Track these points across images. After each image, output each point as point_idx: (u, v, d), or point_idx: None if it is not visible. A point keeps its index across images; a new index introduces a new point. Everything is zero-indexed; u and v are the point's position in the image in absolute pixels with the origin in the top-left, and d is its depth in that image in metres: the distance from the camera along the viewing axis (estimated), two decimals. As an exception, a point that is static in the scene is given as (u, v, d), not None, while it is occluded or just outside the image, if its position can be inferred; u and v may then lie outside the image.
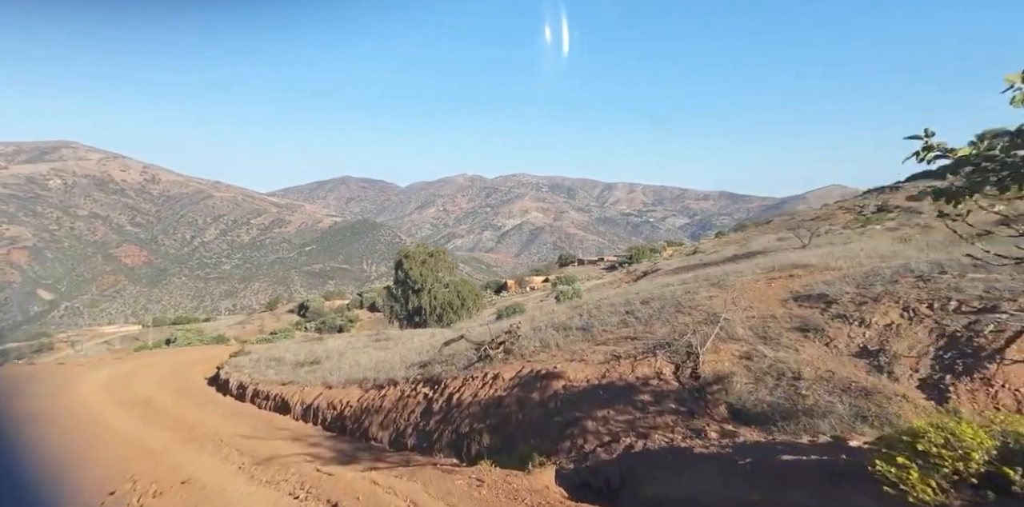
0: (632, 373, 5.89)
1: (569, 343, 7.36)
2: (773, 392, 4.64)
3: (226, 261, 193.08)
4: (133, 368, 15.04)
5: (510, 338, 8.20)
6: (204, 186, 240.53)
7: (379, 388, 9.57)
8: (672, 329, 6.49)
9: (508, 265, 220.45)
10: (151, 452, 7.67)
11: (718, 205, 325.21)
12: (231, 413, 10.22)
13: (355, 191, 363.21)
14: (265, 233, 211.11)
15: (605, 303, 8.73)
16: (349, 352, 14.56)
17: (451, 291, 35.74)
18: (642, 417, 5.09)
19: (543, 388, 6.54)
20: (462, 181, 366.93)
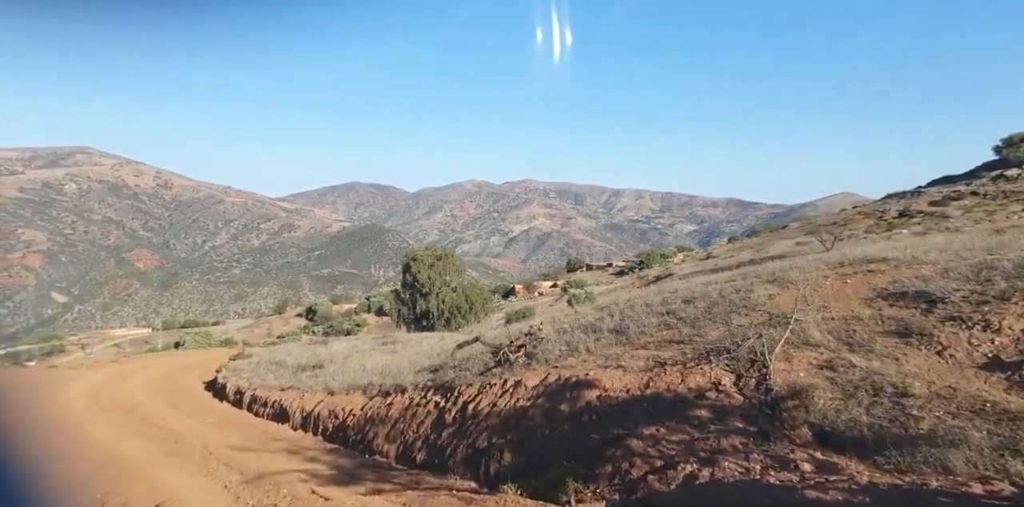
0: (682, 383, 4.97)
1: (601, 347, 6.46)
2: (870, 411, 3.70)
3: (236, 265, 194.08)
4: (128, 371, 14.33)
5: (532, 341, 7.31)
6: (215, 191, 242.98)
7: (385, 395, 8.71)
8: (726, 332, 5.56)
9: (515, 271, 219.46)
10: (129, 467, 6.84)
11: (727, 212, 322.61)
12: (224, 421, 9.40)
13: (364, 196, 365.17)
14: (275, 238, 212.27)
15: (638, 303, 7.83)
16: (354, 355, 13.73)
17: (459, 295, 34.91)
18: (702, 438, 4.16)
19: (574, 398, 5.64)
20: (470, 187, 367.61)
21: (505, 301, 61.51)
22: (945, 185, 49.71)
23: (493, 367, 7.36)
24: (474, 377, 7.38)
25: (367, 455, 7.76)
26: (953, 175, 54.14)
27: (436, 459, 6.61)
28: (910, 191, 48.37)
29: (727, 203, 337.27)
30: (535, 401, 6.03)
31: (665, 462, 4.10)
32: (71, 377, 13.35)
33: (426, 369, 9.03)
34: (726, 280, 7.92)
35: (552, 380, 6.14)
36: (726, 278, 8.13)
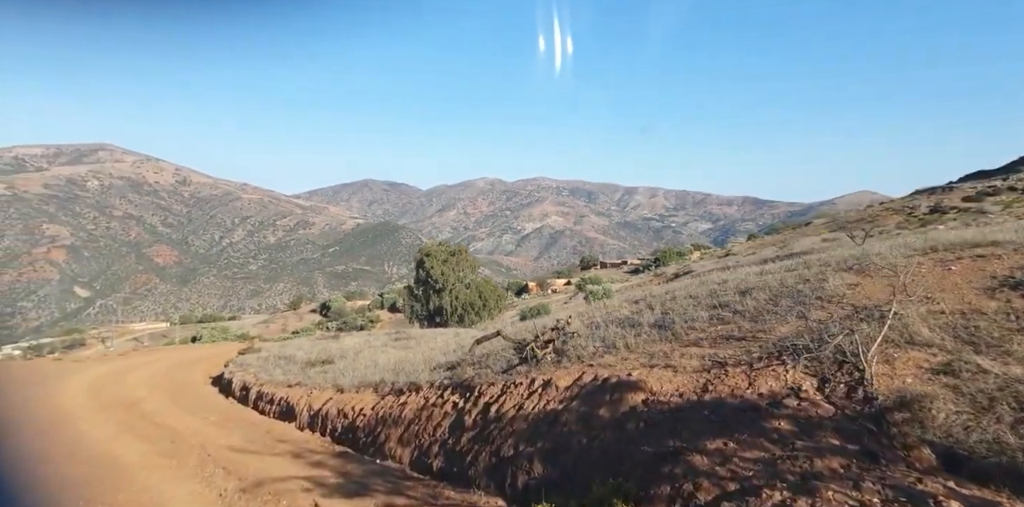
0: (750, 387, 4.16)
1: (643, 343, 5.67)
2: (1018, 430, 2.87)
3: (252, 261, 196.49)
4: (133, 365, 13.92)
5: (560, 336, 6.54)
6: (232, 188, 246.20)
7: (398, 394, 8.02)
8: (800, 327, 4.74)
9: (527, 269, 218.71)
10: (119, 469, 6.25)
11: (742, 211, 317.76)
12: (226, 419, 8.81)
13: (377, 194, 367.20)
14: (290, 234, 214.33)
15: (680, 295, 7.00)
16: (366, 351, 13.11)
17: (473, 291, 34.28)
18: (787, 456, 3.36)
19: (615, 402, 4.86)
20: (482, 185, 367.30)
21: (518, 299, 60.82)
22: (978, 180, 47.45)
23: (517, 365, 6.62)
24: (496, 375, 6.64)
25: (378, 460, 7.08)
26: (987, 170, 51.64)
27: (455, 467, 5.89)
28: (941, 187, 46.31)
29: (742, 201, 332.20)
30: (568, 404, 5.26)
31: (741, 486, 3.31)
32: (75, 370, 12.96)
33: (442, 366, 8.33)
34: (783, 269, 7.05)
35: (587, 380, 5.37)
36: (782, 267, 7.26)
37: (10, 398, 9.45)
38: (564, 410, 5.22)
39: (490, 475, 5.40)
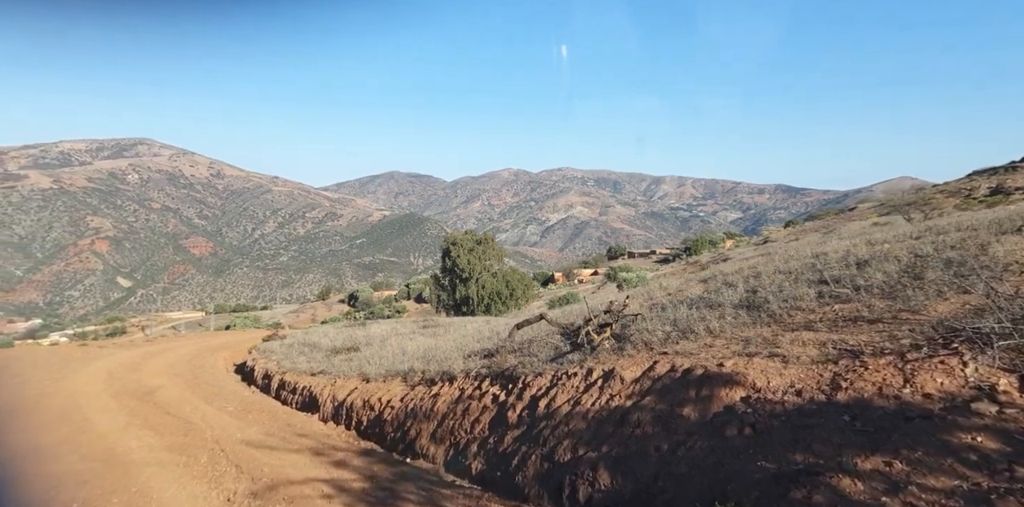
0: (907, 385, 3.06)
1: (731, 327, 4.61)
2: None
3: (283, 253, 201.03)
4: (156, 351, 13.57)
5: (618, 319, 5.51)
6: (264, 181, 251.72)
7: (430, 384, 7.17)
8: (970, 304, 3.60)
9: (552, 260, 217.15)
10: (121, 466, 5.57)
11: (774, 199, 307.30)
12: (245, 409, 8.15)
13: (403, 185, 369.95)
14: (319, 226, 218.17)
15: (767, 270, 5.86)
16: (393, 338, 12.37)
17: (499, 280, 33.54)
18: (1004, 489, 2.28)
19: (704, 400, 3.83)
20: (507, 175, 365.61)
21: (544, 289, 59.78)
22: (1047, 158, 43.56)
23: (568, 352, 5.64)
24: (543, 365, 5.68)
25: (408, 458, 6.25)
26: (1053, 149, 47.24)
27: (498, 471, 4.98)
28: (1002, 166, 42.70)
29: (774, 189, 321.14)
30: (639, 400, 4.26)
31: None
32: (97, 356, 12.68)
33: (478, 354, 7.43)
34: (905, 237, 5.80)
35: (662, 371, 4.35)
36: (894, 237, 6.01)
37: (25, 385, 9.05)
38: (634, 408, 4.21)
39: (542, 483, 4.46)
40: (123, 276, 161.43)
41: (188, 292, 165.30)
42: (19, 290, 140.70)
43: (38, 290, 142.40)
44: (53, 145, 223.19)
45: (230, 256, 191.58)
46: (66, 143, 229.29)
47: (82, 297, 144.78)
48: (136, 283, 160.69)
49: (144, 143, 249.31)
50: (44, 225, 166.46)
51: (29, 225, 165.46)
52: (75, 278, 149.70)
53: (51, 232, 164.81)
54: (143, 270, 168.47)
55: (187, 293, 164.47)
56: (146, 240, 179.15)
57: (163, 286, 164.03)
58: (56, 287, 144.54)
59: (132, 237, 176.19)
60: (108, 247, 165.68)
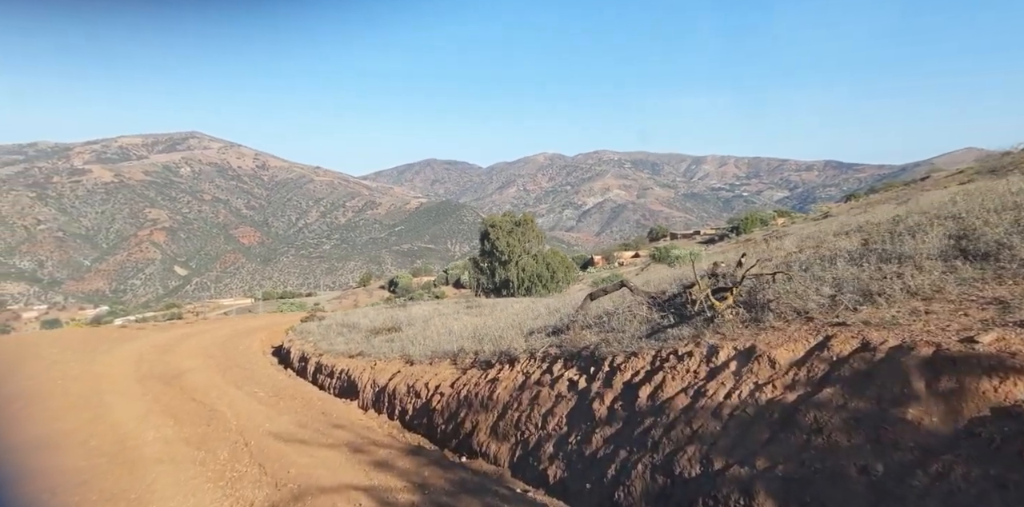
0: None
1: (953, 284, 3.13)
2: None
3: (326, 241, 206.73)
4: (192, 333, 13.14)
5: (743, 281, 4.08)
6: (306, 171, 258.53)
7: (485, 367, 5.99)
8: None
9: (589, 244, 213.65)
10: (131, 464, 4.69)
11: (823, 176, 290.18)
12: (277, 395, 7.26)
13: (439, 173, 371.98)
14: (359, 215, 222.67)
15: (961, 208, 4.23)
16: (436, 318, 11.33)
17: (540, 262, 32.38)
18: None
19: (948, 397, 2.41)
20: (542, 160, 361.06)
21: (584, 272, 58.08)
22: None
23: (670, 326, 4.27)
24: (636, 342, 4.34)
25: (463, 457, 5.11)
26: None
27: (587, 482, 3.73)
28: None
29: (823, 166, 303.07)
30: (810, 393, 2.87)
31: None
32: (133, 338, 12.36)
33: (541, 331, 6.17)
34: None
35: (845, 351, 2.92)
36: None
37: (52, 367, 8.53)
38: (804, 404, 2.83)
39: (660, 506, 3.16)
40: (179, 265, 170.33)
41: (239, 280, 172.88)
42: (87, 279, 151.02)
43: (104, 279, 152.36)
44: (113, 140, 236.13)
45: (276, 245, 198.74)
46: (124, 138, 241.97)
47: (143, 285, 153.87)
48: (191, 271, 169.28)
49: (195, 136, 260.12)
50: (108, 217, 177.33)
51: (94, 217, 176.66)
52: (136, 267, 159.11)
53: (114, 224, 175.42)
54: (197, 259, 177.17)
55: (238, 281, 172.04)
56: (199, 230, 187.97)
57: (216, 274, 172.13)
58: (120, 276, 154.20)
59: (186, 228, 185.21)
60: (165, 237, 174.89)
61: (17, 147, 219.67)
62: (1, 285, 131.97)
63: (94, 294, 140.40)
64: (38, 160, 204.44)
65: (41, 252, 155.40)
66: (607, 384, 4.19)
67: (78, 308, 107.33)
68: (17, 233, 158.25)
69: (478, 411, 5.36)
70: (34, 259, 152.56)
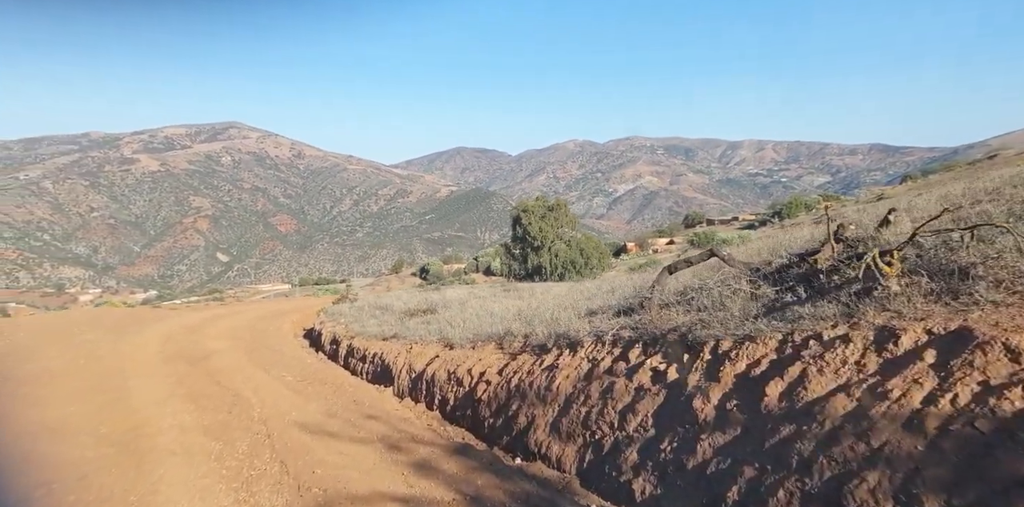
0: None
1: None
2: None
3: (359, 229, 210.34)
4: (223, 314, 12.83)
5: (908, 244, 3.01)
6: (340, 160, 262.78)
7: (539, 351, 5.12)
8: None
9: (620, 232, 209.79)
10: (139, 455, 4.07)
11: (868, 160, 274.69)
12: (306, 380, 6.62)
13: (469, 161, 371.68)
14: (391, 203, 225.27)
15: None
16: (473, 301, 10.56)
17: (574, 248, 31.35)
18: None
19: None
20: (572, 147, 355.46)
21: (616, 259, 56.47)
22: None
23: (796, 302, 3.26)
24: (750, 323, 3.34)
25: (518, 458, 4.28)
26: None
27: (695, 504, 2.82)
28: None
29: (869, 149, 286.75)
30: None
31: None
32: (165, 318, 12.13)
33: (602, 312, 5.24)
34: None
35: None
36: None
37: (80, 346, 8.18)
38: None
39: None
40: (221, 252, 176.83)
41: (276, 266, 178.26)
42: (137, 264, 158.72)
43: (153, 264, 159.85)
44: (159, 130, 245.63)
45: (312, 232, 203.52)
46: (169, 128, 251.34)
47: (188, 271, 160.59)
48: (233, 258, 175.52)
49: (234, 126, 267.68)
50: (155, 205, 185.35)
51: (143, 205, 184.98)
52: (182, 253, 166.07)
53: (160, 211, 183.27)
54: (238, 246, 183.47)
55: (276, 267, 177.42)
56: (239, 218, 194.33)
57: (255, 261, 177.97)
58: (167, 261, 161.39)
59: (228, 215, 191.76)
60: (208, 225, 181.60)
61: (71, 137, 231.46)
62: (60, 269, 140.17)
63: (144, 279, 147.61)
64: (91, 150, 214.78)
65: (95, 238, 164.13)
66: (711, 377, 3.23)
67: (129, 292, 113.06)
68: (73, 220, 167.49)
69: (534, 403, 4.50)
70: (89, 245, 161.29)
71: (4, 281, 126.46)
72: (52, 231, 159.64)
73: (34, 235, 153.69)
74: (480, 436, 4.93)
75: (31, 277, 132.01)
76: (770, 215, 55.22)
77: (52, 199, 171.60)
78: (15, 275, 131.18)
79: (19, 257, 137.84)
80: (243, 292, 79.29)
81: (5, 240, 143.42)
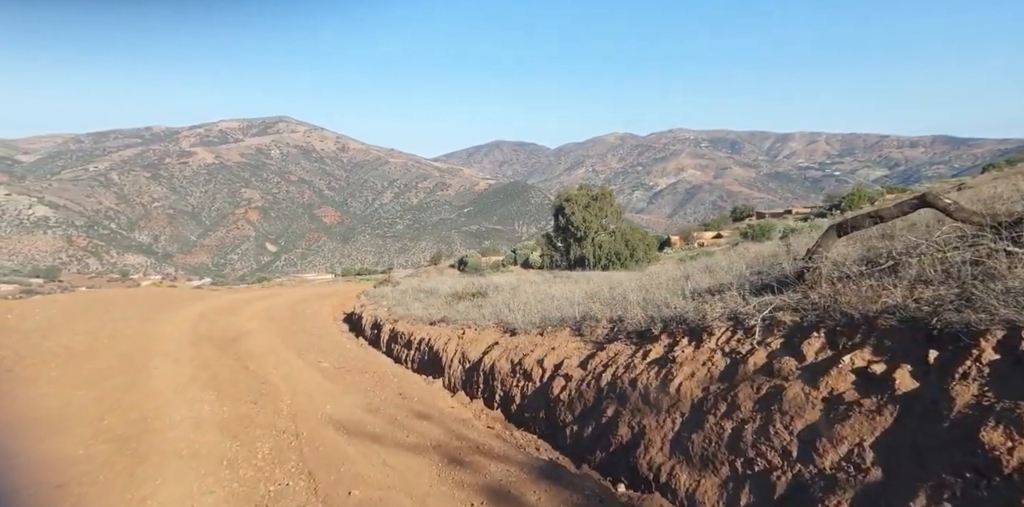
0: None
1: None
2: None
3: (399, 221, 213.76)
4: (263, 295, 12.28)
5: None
6: (382, 154, 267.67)
7: (637, 340, 3.91)
8: None
9: (661, 226, 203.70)
10: (135, 457, 3.17)
11: (930, 152, 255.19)
12: (344, 367, 5.67)
13: (507, 154, 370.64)
14: (430, 196, 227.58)
15: None
16: (525, 285, 9.44)
17: (618, 239, 29.78)
18: None
19: None
20: (612, 140, 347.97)
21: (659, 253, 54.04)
22: None
23: None
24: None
25: (620, 485, 3.10)
26: None
27: None
28: None
29: (931, 141, 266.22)
30: None
31: None
32: (204, 298, 11.69)
33: (718, 290, 3.96)
34: None
35: None
36: None
37: (108, 323, 7.56)
38: None
39: None
40: (270, 242, 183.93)
41: (321, 257, 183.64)
42: (194, 253, 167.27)
43: (207, 253, 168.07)
44: (214, 124, 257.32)
45: (354, 224, 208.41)
46: (224, 122, 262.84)
47: (239, 260, 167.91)
48: (280, 248, 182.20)
49: (283, 121, 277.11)
50: (210, 196, 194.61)
51: (199, 196, 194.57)
52: (234, 243, 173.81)
53: (215, 202, 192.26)
54: (285, 237, 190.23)
55: (320, 258, 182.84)
56: (287, 210, 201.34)
57: (301, 251, 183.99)
58: (220, 251, 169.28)
59: (276, 207, 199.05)
60: (258, 216, 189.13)
61: (136, 131, 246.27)
62: (125, 256, 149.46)
63: (199, 267, 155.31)
64: (153, 143, 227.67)
65: (156, 227, 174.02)
66: (1010, 390, 1.94)
67: (186, 279, 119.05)
68: (136, 210, 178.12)
69: (640, 410, 3.31)
70: (150, 234, 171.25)
71: (76, 267, 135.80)
72: (118, 220, 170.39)
73: (102, 224, 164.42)
74: (559, 446, 3.79)
75: (99, 263, 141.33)
76: (827, 208, 51.28)
77: (118, 190, 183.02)
78: (85, 261, 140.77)
79: (89, 244, 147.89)
80: (289, 280, 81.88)
81: (77, 228, 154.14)
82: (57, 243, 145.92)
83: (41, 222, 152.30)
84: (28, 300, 9.61)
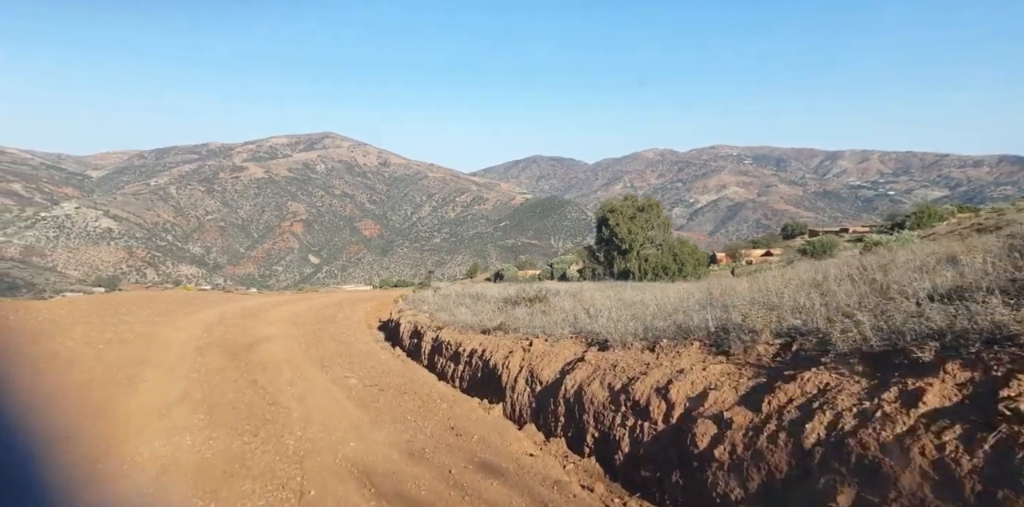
0: None
1: None
2: None
3: (437, 235, 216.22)
4: (291, 299, 11.29)
5: None
6: (421, 168, 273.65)
7: (864, 368, 2.39)
8: None
9: (702, 244, 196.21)
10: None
11: (996, 172, 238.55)
12: (377, 384, 4.33)
13: (545, 169, 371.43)
14: (467, 210, 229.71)
15: None
16: (589, 292, 7.96)
17: (665, 253, 27.73)
18: None
19: None
20: (651, 156, 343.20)
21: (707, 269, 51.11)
22: None
23: None
24: None
25: None
26: None
27: None
28: None
29: (997, 161, 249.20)
30: None
31: None
32: (229, 301, 10.79)
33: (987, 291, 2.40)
34: None
35: None
36: None
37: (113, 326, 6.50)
38: None
39: None
40: (313, 254, 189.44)
41: (361, 269, 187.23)
42: (242, 264, 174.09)
43: (255, 264, 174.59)
44: (264, 141, 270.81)
45: (393, 237, 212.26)
46: (274, 139, 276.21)
47: (284, 271, 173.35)
48: (322, 260, 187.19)
49: (329, 136, 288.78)
50: (258, 209, 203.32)
51: (249, 209, 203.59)
52: (279, 255, 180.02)
53: (263, 215, 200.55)
54: (327, 249, 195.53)
55: (360, 270, 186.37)
56: (329, 223, 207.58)
57: (342, 264, 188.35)
58: (266, 262, 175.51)
59: (319, 220, 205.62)
60: (302, 229, 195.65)
61: (193, 147, 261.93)
62: (179, 267, 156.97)
63: (247, 277, 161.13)
64: (208, 159, 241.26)
65: (208, 239, 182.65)
66: None
67: (241, 292, 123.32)
68: (191, 222, 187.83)
69: (865, 485, 1.78)
70: (203, 245, 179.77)
71: (135, 277, 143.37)
72: (174, 232, 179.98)
73: (160, 235, 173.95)
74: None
75: (156, 274, 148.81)
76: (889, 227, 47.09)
77: (175, 203, 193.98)
78: (144, 271, 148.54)
79: (148, 255, 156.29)
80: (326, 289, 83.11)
81: (137, 240, 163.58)
82: (119, 254, 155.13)
83: (105, 234, 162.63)
84: (42, 302, 8.93)
